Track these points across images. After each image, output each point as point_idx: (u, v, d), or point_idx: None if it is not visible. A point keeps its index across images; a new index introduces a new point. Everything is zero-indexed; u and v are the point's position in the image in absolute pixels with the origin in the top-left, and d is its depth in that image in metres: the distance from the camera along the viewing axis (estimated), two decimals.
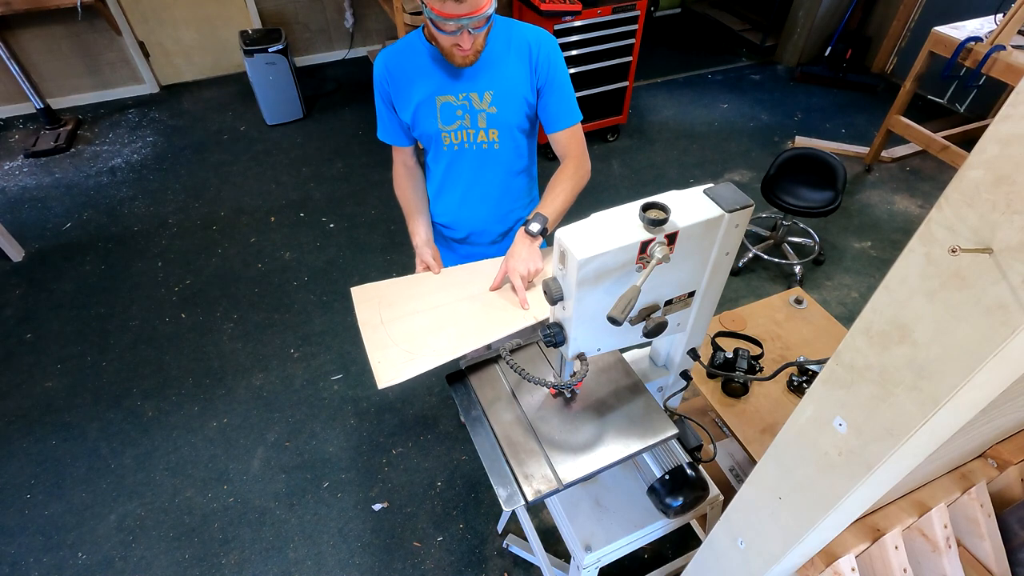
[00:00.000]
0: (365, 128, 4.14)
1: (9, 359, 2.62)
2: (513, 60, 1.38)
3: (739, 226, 0.93)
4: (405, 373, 1.19)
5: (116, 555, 1.99)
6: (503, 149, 1.48)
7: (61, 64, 4.18)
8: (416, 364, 1.21)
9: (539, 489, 1.04)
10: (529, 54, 1.37)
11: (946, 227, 0.53)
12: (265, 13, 4.53)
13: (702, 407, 2.05)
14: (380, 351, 1.25)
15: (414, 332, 1.29)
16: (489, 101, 1.39)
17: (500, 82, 1.38)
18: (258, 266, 3.07)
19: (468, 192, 1.56)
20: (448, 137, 1.44)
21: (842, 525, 0.88)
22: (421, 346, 1.24)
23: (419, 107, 1.40)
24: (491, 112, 1.41)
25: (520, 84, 1.39)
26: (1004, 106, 0.47)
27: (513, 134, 1.46)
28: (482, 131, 1.44)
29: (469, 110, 1.40)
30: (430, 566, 1.96)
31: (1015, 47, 2.80)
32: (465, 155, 1.48)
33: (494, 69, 1.38)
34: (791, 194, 2.73)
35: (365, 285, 1.44)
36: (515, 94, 1.40)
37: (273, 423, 2.37)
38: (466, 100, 1.39)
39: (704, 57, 5.00)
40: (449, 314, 1.34)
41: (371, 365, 1.21)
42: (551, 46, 1.39)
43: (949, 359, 0.56)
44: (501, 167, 1.52)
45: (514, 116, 1.42)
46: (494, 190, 1.56)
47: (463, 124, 1.43)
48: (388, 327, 1.31)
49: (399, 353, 1.23)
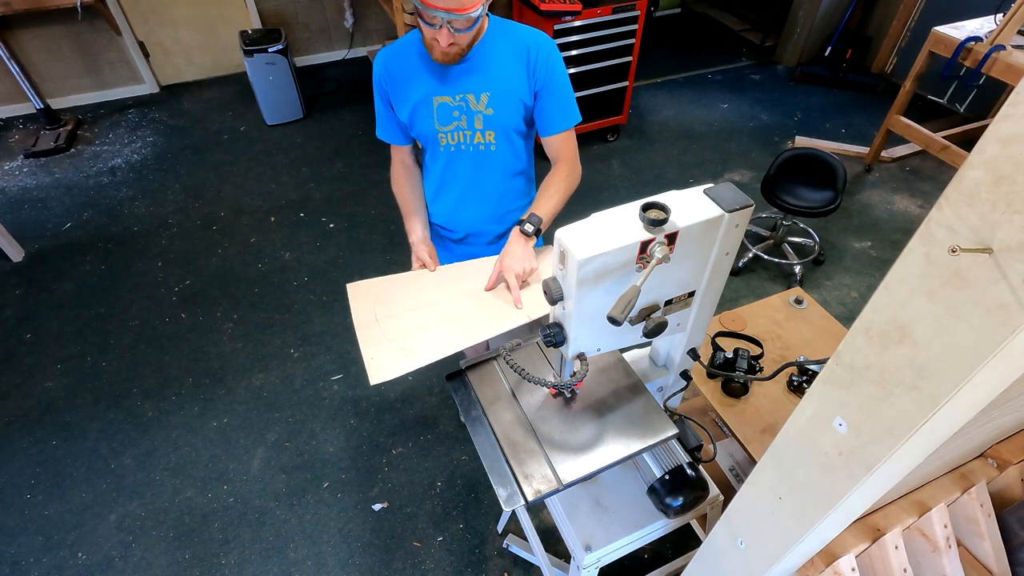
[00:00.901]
0: (365, 128, 4.14)
1: (9, 359, 2.62)
2: (511, 62, 1.37)
3: (739, 226, 0.93)
4: (398, 370, 1.20)
5: (116, 555, 1.99)
6: (499, 151, 1.47)
7: (61, 64, 4.18)
8: (409, 361, 1.22)
9: (539, 489, 1.04)
10: (527, 57, 1.37)
11: (946, 227, 0.53)
12: (265, 13, 4.53)
13: (702, 407, 2.05)
14: (374, 347, 1.26)
15: (408, 329, 1.30)
16: (486, 103, 1.39)
17: (497, 84, 1.38)
18: (258, 266, 3.07)
19: (466, 193, 1.55)
20: (445, 138, 1.44)
21: (842, 525, 0.88)
22: (415, 343, 1.25)
23: (416, 107, 1.40)
24: (487, 114, 1.40)
25: (517, 87, 1.39)
26: (1004, 106, 0.46)
27: (510, 136, 1.46)
28: (479, 132, 1.43)
29: (466, 111, 1.40)
30: (430, 566, 1.96)
31: (1015, 47, 2.80)
32: (462, 156, 1.48)
33: (491, 71, 1.37)
34: (791, 194, 2.73)
35: (361, 282, 1.44)
36: (512, 97, 1.39)
37: (273, 423, 2.37)
38: (463, 101, 1.39)
39: (704, 57, 5.00)
40: (444, 312, 1.35)
41: (364, 361, 1.22)
42: (549, 49, 1.38)
43: (949, 359, 0.56)
44: (498, 168, 1.51)
45: (511, 118, 1.42)
46: (491, 191, 1.56)
47: (460, 125, 1.42)
48: (383, 324, 1.32)
49: (392, 350, 1.24)
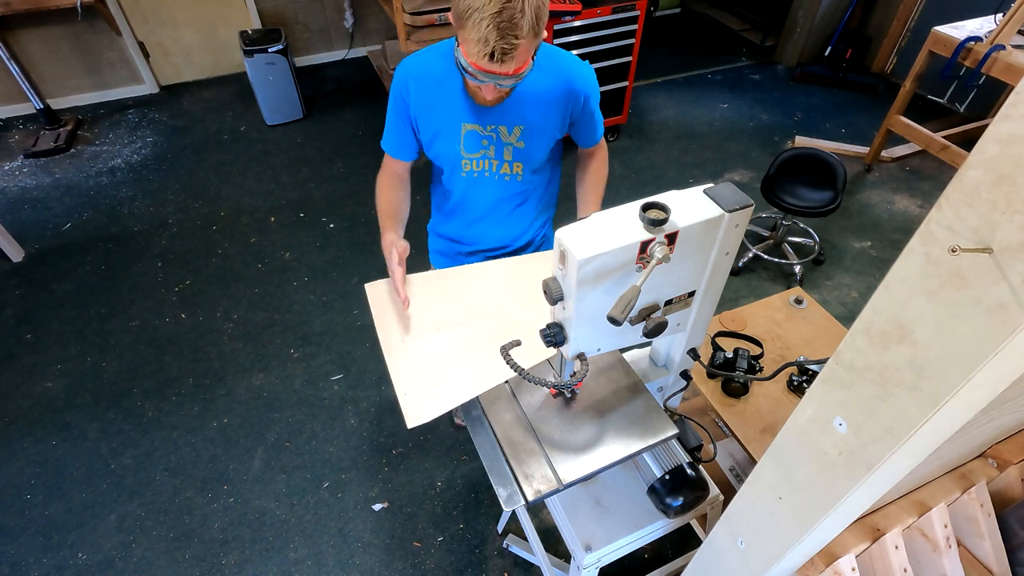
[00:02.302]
0: (365, 128, 4.14)
1: (9, 359, 2.62)
2: (549, 98, 1.31)
3: (739, 226, 0.92)
4: (433, 412, 1.13)
5: (116, 555, 1.99)
6: (525, 181, 1.44)
7: (61, 64, 4.18)
8: (442, 400, 1.15)
9: (539, 489, 1.04)
10: (568, 94, 1.31)
11: (946, 227, 0.53)
12: (265, 13, 4.53)
13: (702, 407, 2.05)
14: (406, 382, 1.18)
15: (437, 356, 1.23)
16: (518, 136, 1.33)
17: (532, 118, 1.32)
18: (258, 266, 3.07)
19: (484, 216, 1.51)
20: (469, 164, 1.38)
21: (842, 525, 0.88)
22: (446, 378, 1.19)
23: (441, 130, 1.34)
24: (519, 147, 1.35)
25: (552, 123, 1.34)
26: (1004, 106, 0.46)
27: (537, 167, 1.43)
28: (506, 163, 1.38)
29: (496, 142, 1.35)
30: (430, 566, 1.96)
31: (1015, 47, 2.80)
32: (485, 183, 1.42)
33: (527, 105, 1.31)
34: (791, 194, 2.73)
35: (378, 282, 1.37)
36: (545, 133, 1.35)
37: (273, 423, 2.37)
38: (493, 132, 1.33)
39: (704, 57, 5.00)
40: (471, 335, 1.28)
41: (398, 397, 1.16)
42: (590, 83, 1.33)
43: (949, 359, 0.56)
44: (521, 197, 1.48)
45: (541, 152, 1.38)
46: (512, 217, 1.52)
47: (487, 155, 1.37)
48: (409, 348, 1.25)
49: (425, 384, 1.18)
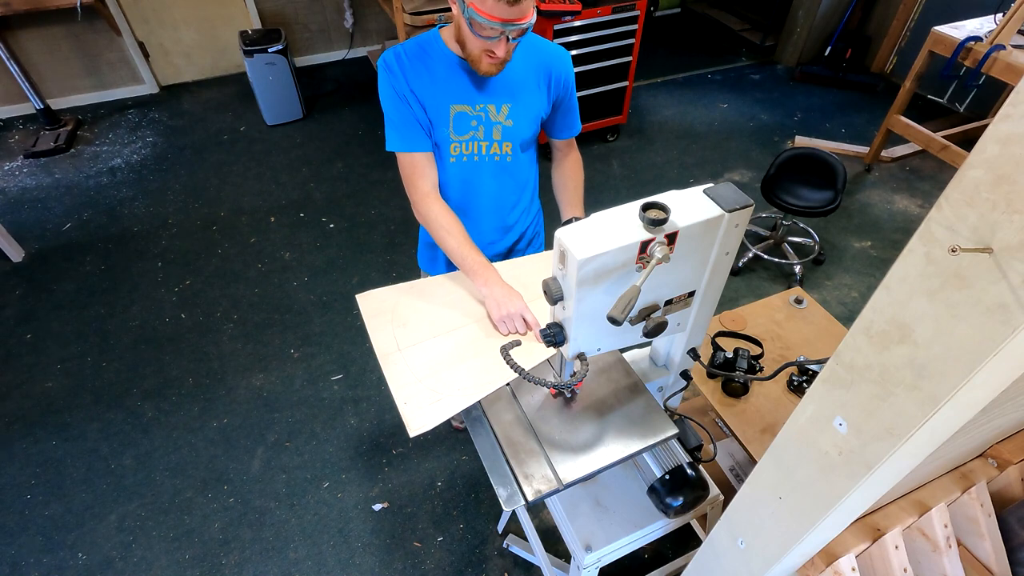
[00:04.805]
0: (365, 128, 4.14)
1: (9, 359, 2.62)
2: (531, 76, 1.36)
3: (739, 226, 0.92)
4: (434, 420, 1.13)
5: (116, 555, 1.99)
6: (515, 161, 1.45)
7: (61, 64, 4.18)
8: (443, 407, 1.15)
9: (539, 489, 1.04)
10: (549, 73, 1.36)
11: (946, 227, 0.53)
12: (265, 13, 4.53)
13: (702, 407, 2.05)
14: (404, 389, 1.18)
15: (435, 363, 1.23)
16: (506, 114, 1.36)
17: (519, 96, 1.36)
18: (258, 266, 3.07)
19: (472, 205, 1.49)
20: (458, 148, 1.39)
21: (842, 525, 0.88)
22: (444, 384, 1.19)
23: (430, 113, 1.35)
24: (507, 125, 1.37)
25: (538, 101, 1.38)
26: (1004, 106, 0.47)
27: (524, 147, 1.45)
28: (495, 143, 1.40)
29: (484, 121, 1.36)
30: (430, 566, 1.96)
31: (1015, 47, 2.80)
32: (473, 166, 1.43)
33: (514, 83, 1.35)
34: (791, 194, 2.73)
35: (370, 292, 1.37)
36: (531, 110, 1.38)
37: (273, 423, 2.37)
38: (482, 111, 1.35)
39: (704, 57, 5.00)
40: (468, 340, 1.28)
41: (397, 406, 1.15)
42: (568, 65, 1.39)
43: (949, 359, 0.56)
44: (511, 179, 1.49)
45: (528, 130, 1.41)
46: (501, 203, 1.52)
47: (476, 136, 1.38)
48: (405, 355, 1.24)
49: (424, 392, 1.17)
